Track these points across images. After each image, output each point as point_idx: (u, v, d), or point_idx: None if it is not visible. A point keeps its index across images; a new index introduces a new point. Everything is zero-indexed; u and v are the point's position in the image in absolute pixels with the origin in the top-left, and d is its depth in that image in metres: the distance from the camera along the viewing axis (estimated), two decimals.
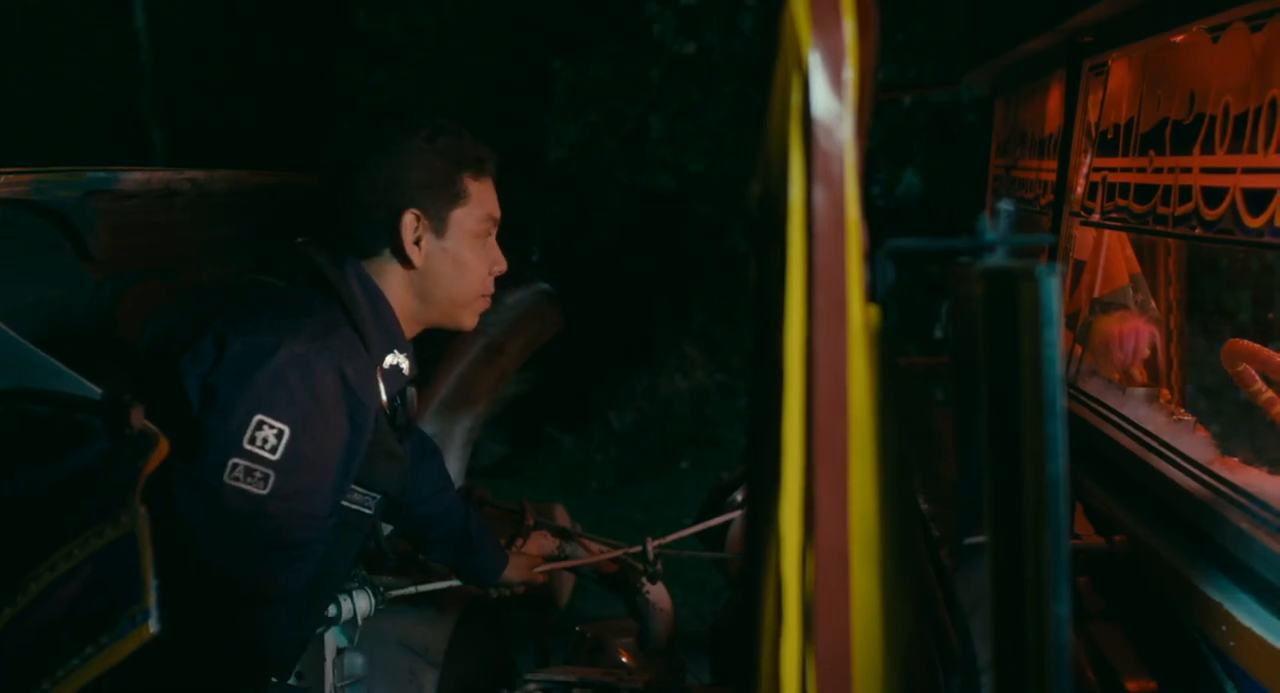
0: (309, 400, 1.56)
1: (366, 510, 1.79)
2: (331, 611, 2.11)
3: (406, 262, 1.72)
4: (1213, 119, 1.36)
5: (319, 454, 1.57)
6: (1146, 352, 2.15)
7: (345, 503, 1.71)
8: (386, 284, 1.73)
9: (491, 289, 1.83)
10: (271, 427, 1.52)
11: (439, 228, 1.73)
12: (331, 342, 1.60)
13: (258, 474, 1.51)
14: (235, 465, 1.51)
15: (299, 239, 1.74)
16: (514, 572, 2.29)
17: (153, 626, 1.08)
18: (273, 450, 1.52)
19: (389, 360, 1.71)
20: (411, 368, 1.77)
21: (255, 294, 1.68)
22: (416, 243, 1.72)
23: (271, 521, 1.53)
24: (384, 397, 1.70)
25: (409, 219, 1.70)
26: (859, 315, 0.63)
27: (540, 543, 2.49)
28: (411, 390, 1.82)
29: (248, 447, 1.51)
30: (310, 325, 1.59)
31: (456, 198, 1.75)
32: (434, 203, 1.72)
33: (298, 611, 1.72)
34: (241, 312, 1.62)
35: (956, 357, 0.78)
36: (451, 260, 1.75)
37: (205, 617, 1.50)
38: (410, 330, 1.78)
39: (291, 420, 1.54)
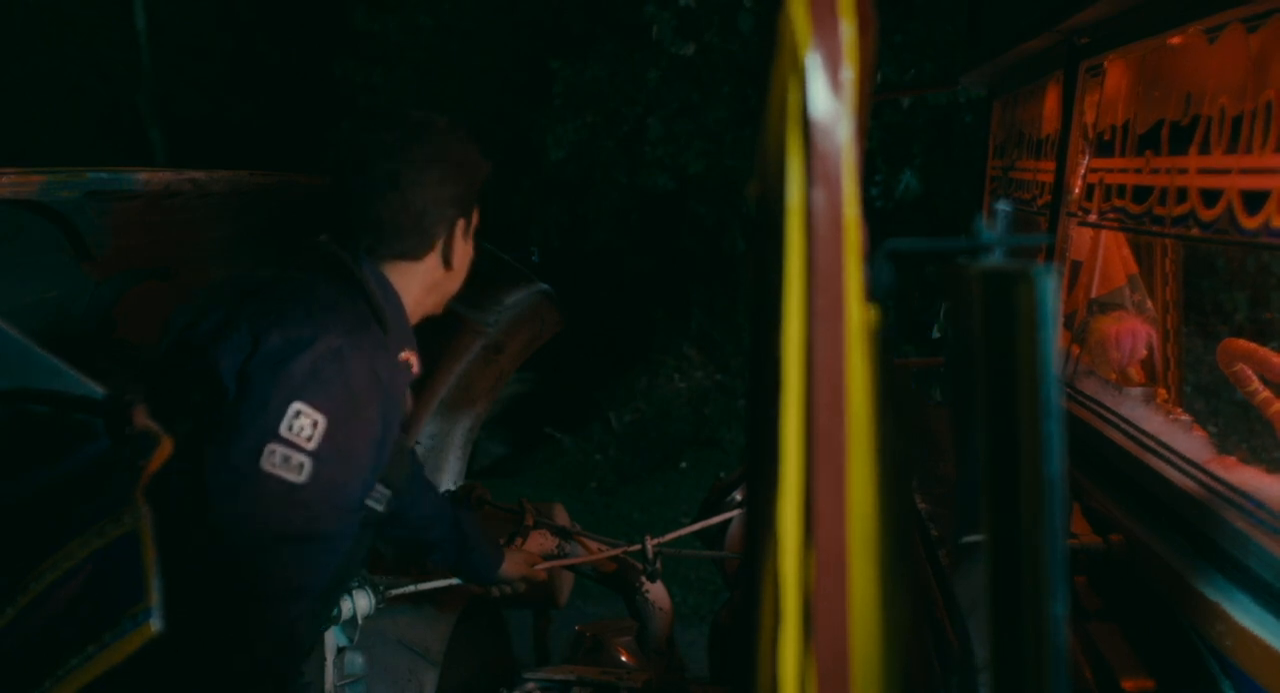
0: (344, 393, 1.56)
1: (379, 508, 1.80)
2: (332, 610, 2.11)
3: (449, 263, 1.77)
4: (1209, 120, 1.37)
5: (353, 447, 1.57)
6: (1143, 352, 2.15)
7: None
8: (410, 282, 1.75)
9: None
10: (308, 416, 1.52)
11: (468, 231, 1.80)
12: (364, 337, 1.61)
13: (294, 462, 1.51)
14: (273, 452, 1.50)
15: (321, 236, 1.75)
16: (512, 567, 2.29)
17: (155, 625, 1.08)
18: (309, 439, 1.52)
19: (402, 356, 1.73)
20: (418, 364, 1.79)
21: (285, 288, 1.68)
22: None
23: (306, 510, 1.52)
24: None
25: (461, 227, 1.76)
26: (857, 316, 0.63)
27: (540, 542, 2.50)
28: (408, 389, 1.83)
29: (285, 434, 1.51)
30: (343, 320, 1.61)
31: (476, 201, 1.81)
32: (470, 209, 1.79)
33: (319, 605, 1.73)
34: (274, 305, 1.62)
35: (954, 357, 0.78)
36: (466, 257, 1.82)
37: (231, 613, 1.49)
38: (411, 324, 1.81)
39: (328, 411, 1.54)
